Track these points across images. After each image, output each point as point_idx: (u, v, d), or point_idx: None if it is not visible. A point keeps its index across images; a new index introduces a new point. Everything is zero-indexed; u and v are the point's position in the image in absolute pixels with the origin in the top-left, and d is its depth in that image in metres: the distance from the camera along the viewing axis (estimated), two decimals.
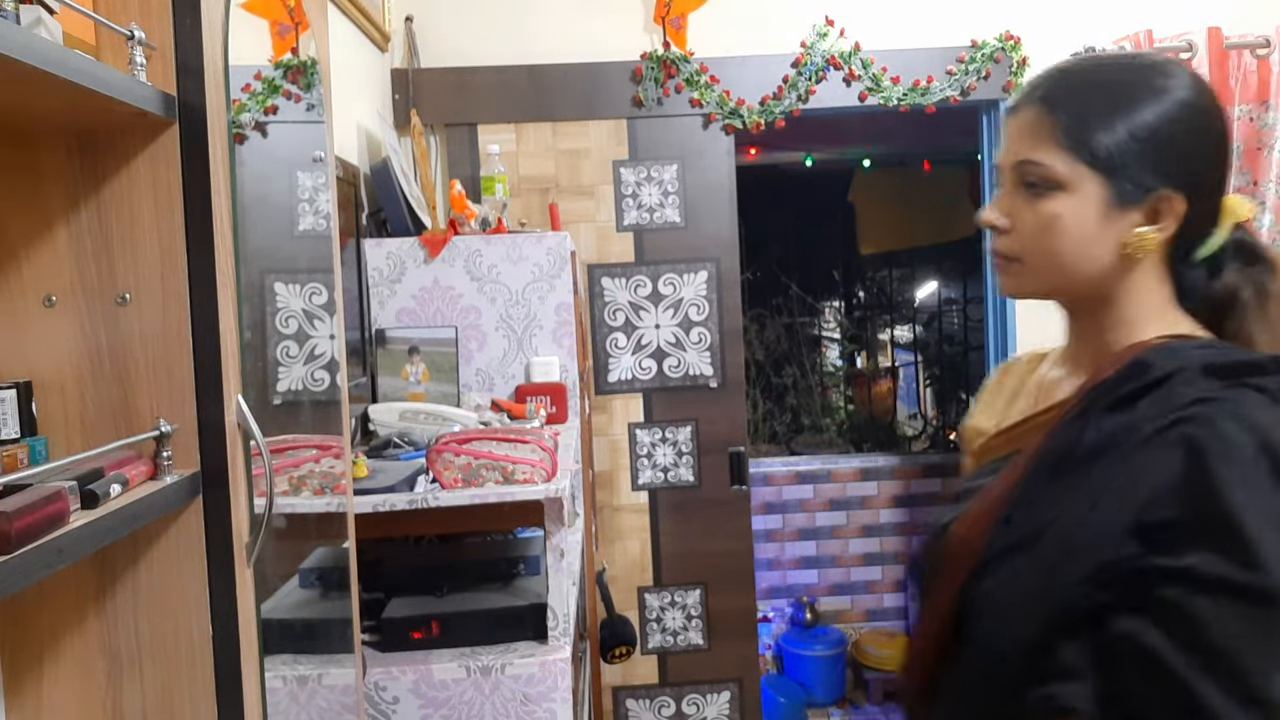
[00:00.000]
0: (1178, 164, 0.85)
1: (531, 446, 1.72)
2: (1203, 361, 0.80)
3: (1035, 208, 0.88)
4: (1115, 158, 0.85)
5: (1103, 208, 0.86)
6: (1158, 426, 0.77)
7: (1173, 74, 0.88)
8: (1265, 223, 3.23)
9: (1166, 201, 0.85)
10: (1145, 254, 0.87)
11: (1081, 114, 0.87)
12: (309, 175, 1.45)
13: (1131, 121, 0.85)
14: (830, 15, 3.04)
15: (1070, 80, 0.89)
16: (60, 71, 0.74)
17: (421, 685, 1.64)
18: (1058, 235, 0.87)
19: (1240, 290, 0.89)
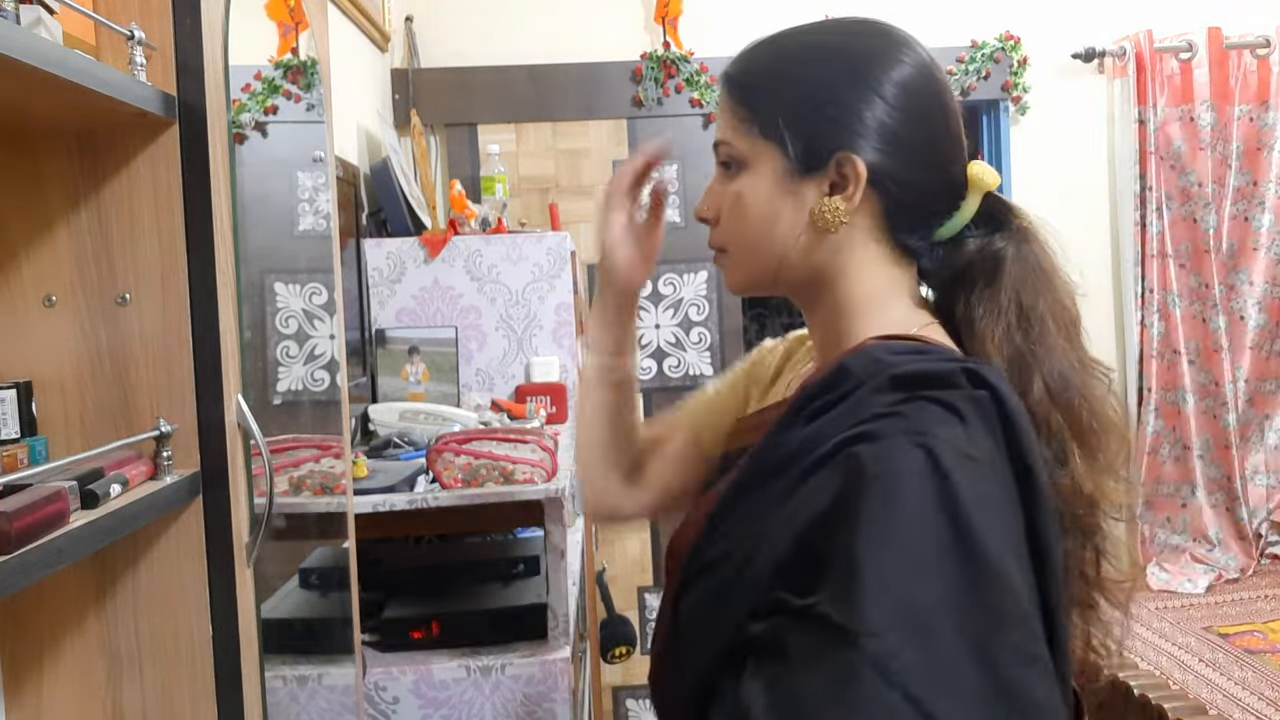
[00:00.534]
0: (863, 125, 0.76)
1: (531, 446, 1.72)
2: (893, 370, 0.69)
3: (728, 190, 0.82)
4: (787, 123, 0.78)
5: (781, 178, 0.78)
6: (836, 442, 0.67)
7: (880, 36, 0.80)
8: (1265, 223, 3.23)
9: (848, 163, 0.76)
10: (836, 226, 0.77)
11: (754, 84, 0.81)
12: (309, 175, 1.46)
13: (808, 86, 0.78)
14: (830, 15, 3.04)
15: (751, 53, 0.84)
16: (60, 71, 0.74)
17: (421, 685, 1.64)
18: (742, 214, 0.80)
19: (971, 264, 0.78)
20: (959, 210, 0.79)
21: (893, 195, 0.77)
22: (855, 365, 0.71)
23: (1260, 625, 2.80)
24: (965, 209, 0.79)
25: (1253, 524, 3.27)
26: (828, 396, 0.71)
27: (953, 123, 0.80)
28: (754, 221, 0.80)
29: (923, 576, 0.60)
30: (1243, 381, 3.29)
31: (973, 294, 0.77)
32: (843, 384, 0.71)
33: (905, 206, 0.78)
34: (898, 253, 0.80)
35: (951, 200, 0.80)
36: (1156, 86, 3.13)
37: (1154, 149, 3.14)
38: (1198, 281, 3.23)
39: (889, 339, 0.75)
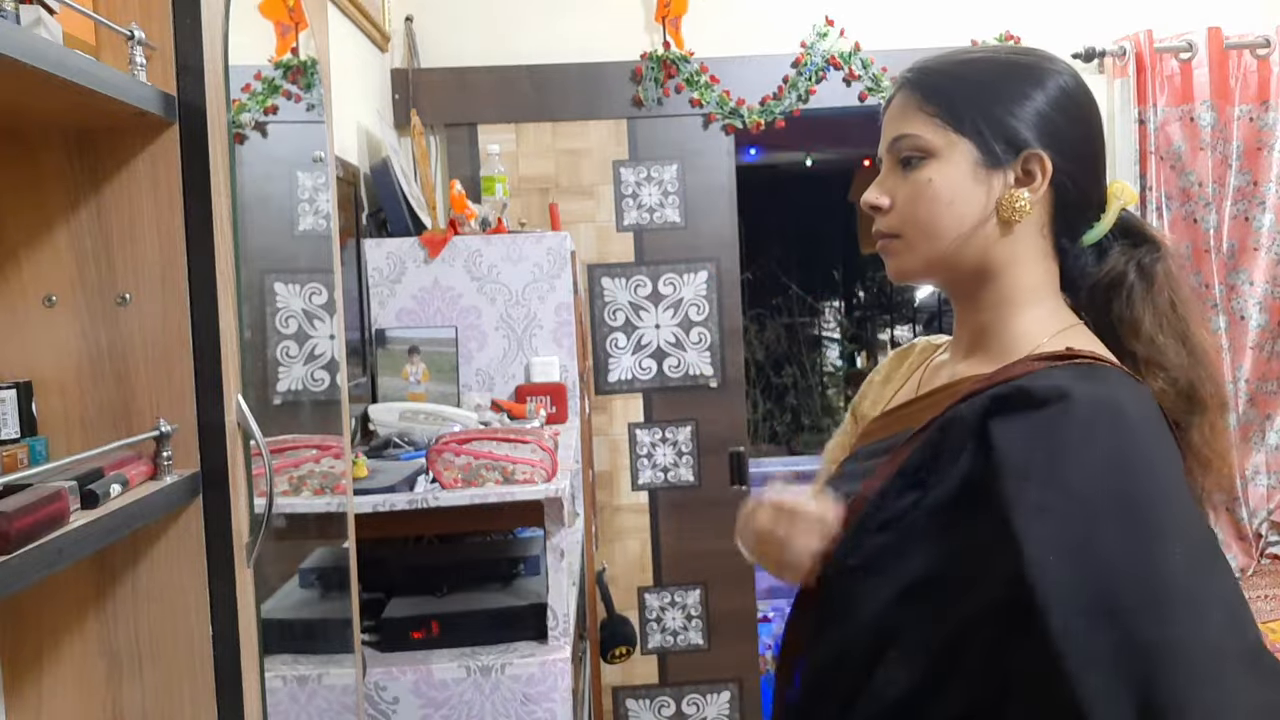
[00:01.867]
0: (1045, 128, 0.86)
1: (531, 446, 1.72)
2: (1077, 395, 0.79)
3: (910, 179, 0.88)
4: (982, 119, 0.86)
5: (973, 168, 0.86)
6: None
7: (1045, 56, 0.90)
8: (1266, 223, 3.23)
9: (1036, 160, 0.85)
10: (1021, 215, 0.86)
11: (948, 84, 0.88)
12: (309, 175, 1.46)
13: (998, 88, 0.87)
14: (830, 15, 3.04)
15: (939, 61, 0.92)
16: (60, 71, 0.74)
17: (421, 685, 1.64)
18: (931, 200, 0.87)
19: (1126, 272, 0.88)
20: (1100, 219, 0.89)
21: (1065, 194, 0.87)
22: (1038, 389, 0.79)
23: (1260, 625, 2.80)
24: (1106, 218, 0.89)
25: (1253, 524, 3.27)
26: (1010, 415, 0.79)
27: (1103, 137, 0.91)
28: (944, 206, 0.87)
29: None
30: (1243, 382, 3.29)
31: (1134, 298, 0.87)
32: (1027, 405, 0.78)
33: (1071, 206, 0.88)
34: (1054, 250, 0.89)
35: (1099, 209, 0.89)
36: (1156, 86, 3.13)
37: (1154, 149, 3.14)
38: (1198, 281, 3.23)
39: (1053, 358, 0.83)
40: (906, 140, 0.89)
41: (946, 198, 0.86)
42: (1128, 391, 0.79)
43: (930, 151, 0.87)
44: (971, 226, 0.86)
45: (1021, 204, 0.85)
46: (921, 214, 0.88)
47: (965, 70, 0.89)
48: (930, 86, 0.89)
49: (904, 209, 0.89)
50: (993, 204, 0.86)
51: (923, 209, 0.88)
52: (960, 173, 0.86)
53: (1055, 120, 0.86)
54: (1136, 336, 0.86)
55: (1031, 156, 0.86)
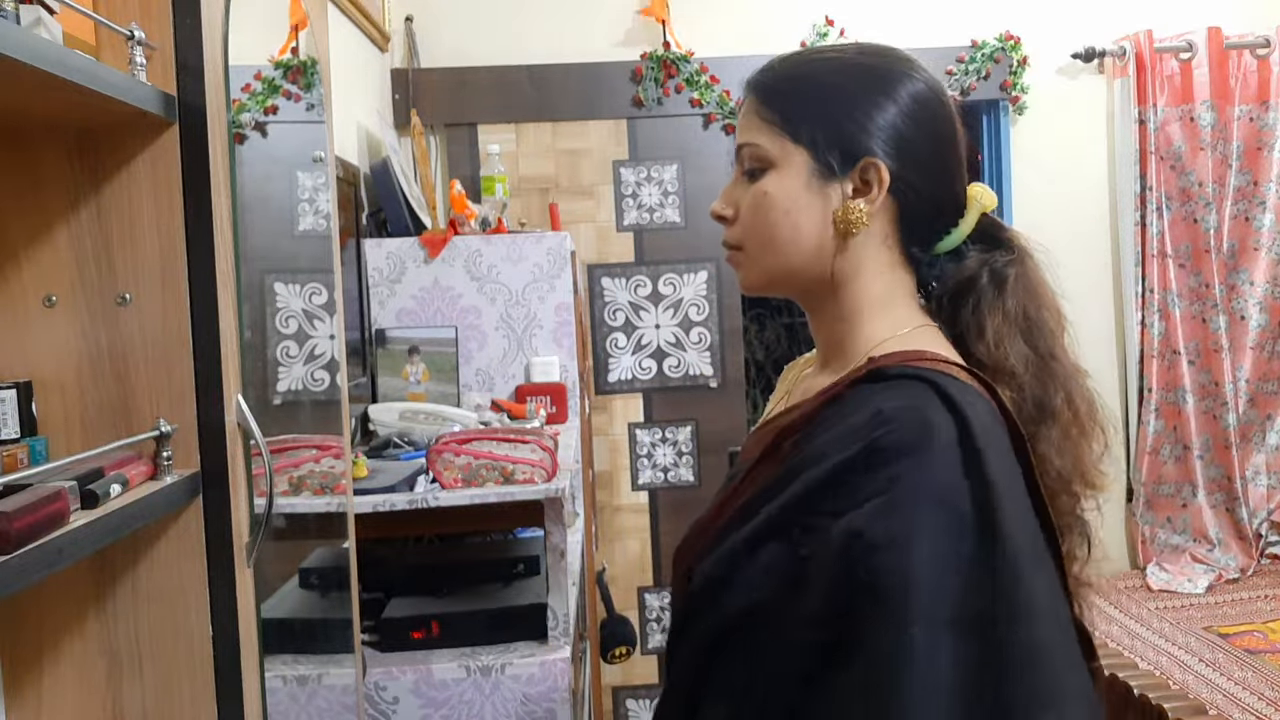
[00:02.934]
0: (887, 136, 0.83)
1: (531, 446, 1.72)
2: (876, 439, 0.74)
3: (750, 190, 0.86)
4: (818, 128, 0.83)
5: (809, 179, 0.84)
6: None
7: (898, 59, 0.87)
8: (1266, 223, 3.23)
9: (873, 169, 0.82)
10: (859, 227, 0.83)
11: (787, 92, 0.86)
12: (309, 175, 1.46)
13: (839, 94, 0.84)
14: (830, 15, 3.04)
15: (783, 66, 0.89)
16: (60, 71, 0.74)
17: (421, 685, 1.64)
18: (767, 211, 0.85)
19: (977, 276, 0.85)
20: (958, 226, 0.86)
21: (908, 203, 0.84)
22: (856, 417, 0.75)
23: (1260, 625, 2.80)
24: (964, 225, 0.86)
25: (1253, 524, 3.27)
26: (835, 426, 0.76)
27: (959, 142, 0.87)
28: (779, 218, 0.84)
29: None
30: (1243, 382, 3.29)
31: (981, 303, 0.84)
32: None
33: (916, 215, 0.85)
34: (903, 259, 0.86)
35: (953, 215, 0.86)
36: (1156, 86, 3.13)
37: (1154, 149, 3.14)
38: (1198, 281, 3.23)
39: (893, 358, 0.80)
40: (747, 149, 0.87)
41: (782, 209, 0.84)
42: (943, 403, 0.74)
43: (768, 162, 0.85)
44: (809, 239, 0.84)
45: (857, 215, 0.82)
46: (760, 227, 0.86)
47: (805, 75, 0.87)
48: (769, 92, 0.86)
49: (745, 220, 0.87)
50: (830, 215, 0.84)
51: (760, 221, 0.85)
52: (796, 184, 0.84)
53: (896, 126, 0.83)
54: (981, 340, 0.84)
55: (868, 165, 0.82)
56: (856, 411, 0.76)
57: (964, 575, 0.67)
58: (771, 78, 0.88)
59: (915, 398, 0.74)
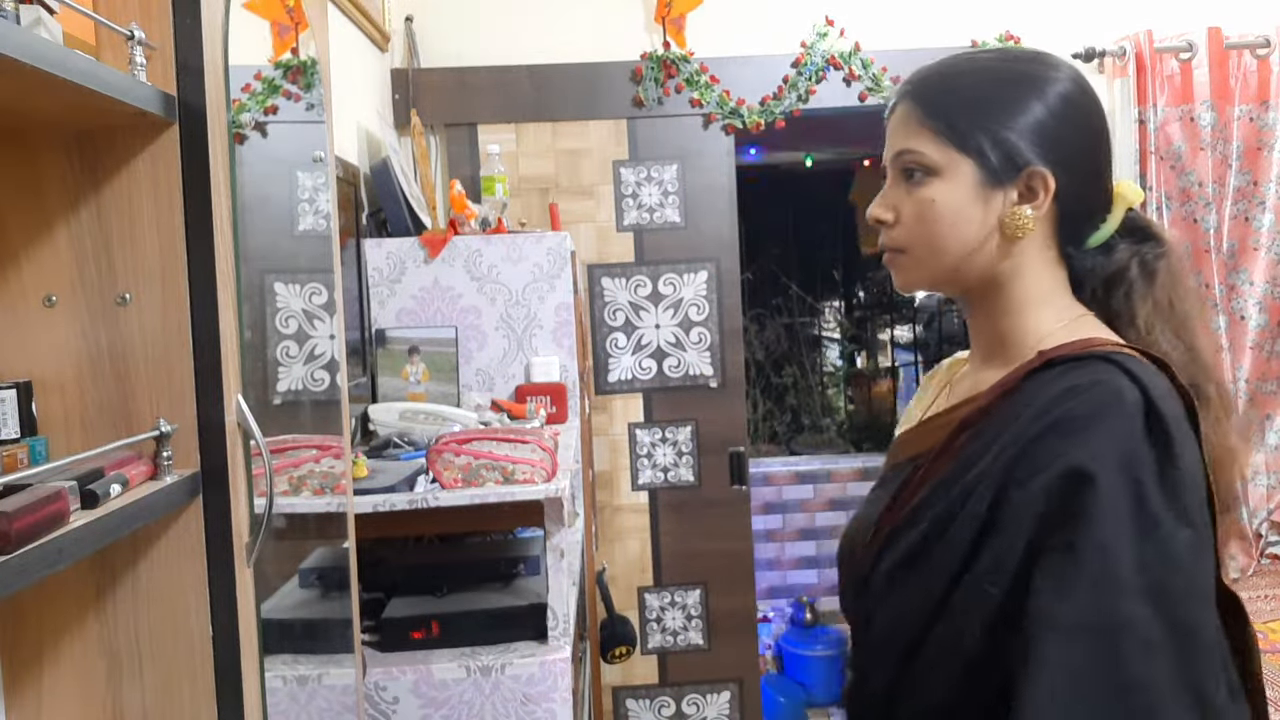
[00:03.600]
0: (1047, 142, 0.86)
1: (531, 446, 1.72)
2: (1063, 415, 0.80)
3: (914, 196, 0.89)
4: (984, 138, 0.86)
5: (975, 188, 0.87)
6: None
7: (1045, 62, 0.90)
8: (1266, 223, 3.23)
9: (1039, 178, 0.86)
10: (1025, 232, 0.86)
11: (950, 100, 0.89)
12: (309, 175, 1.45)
13: (999, 103, 0.87)
14: (830, 15, 3.04)
15: (940, 72, 0.91)
16: (60, 71, 0.74)
17: (421, 685, 1.64)
18: (935, 219, 0.88)
19: (1128, 267, 0.89)
20: (1106, 221, 0.90)
21: (1067, 205, 0.88)
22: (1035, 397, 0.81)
23: (1260, 625, 2.80)
24: (1112, 220, 0.90)
25: (1253, 524, 3.27)
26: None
27: (1107, 140, 0.91)
28: (948, 226, 0.88)
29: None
30: (1243, 381, 3.29)
31: (1133, 292, 0.88)
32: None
33: (1075, 217, 0.89)
34: (1059, 255, 0.90)
35: (1104, 211, 0.90)
36: (1156, 86, 3.13)
37: (1154, 149, 3.14)
38: (1198, 281, 3.22)
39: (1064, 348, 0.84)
40: (909, 155, 0.89)
41: (950, 218, 0.87)
42: (1140, 382, 0.79)
43: (933, 169, 0.88)
44: (975, 244, 0.88)
45: (1025, 221, 0.86)
46: (926, 233, 0.89)
47: (966, 83, 0.89)
48: (932, 101, 0.89)
49: (909, 226, 0.90)
50: (995, 221, 0.87)
51: (927, 228, 0.89)
52: (963, 192, 0.87)
53: (1058, 132, 0.87)
54: (1133, 328, 0.88)
55: (1034, 174, 0.86)
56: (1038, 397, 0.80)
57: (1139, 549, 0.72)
58: (932, 85, 0.90)
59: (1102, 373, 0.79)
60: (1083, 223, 0.90)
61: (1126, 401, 0.76)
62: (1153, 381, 0.78)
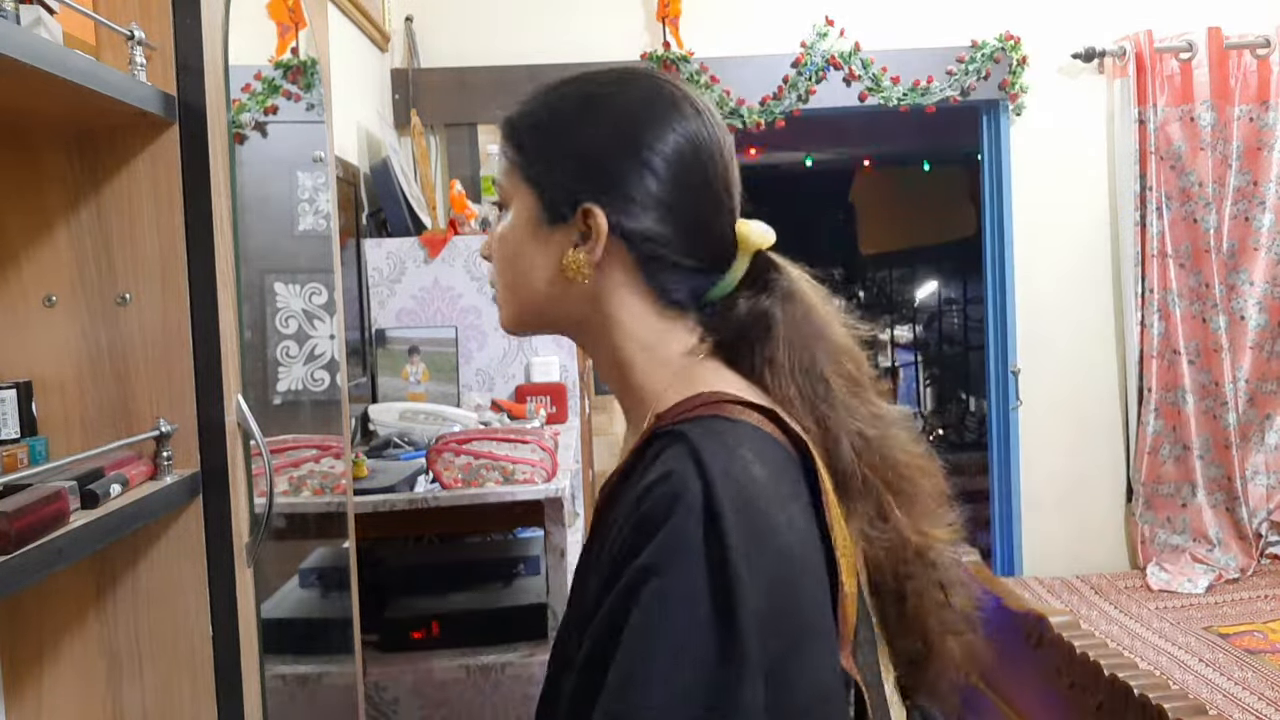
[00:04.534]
0: (602, 177, 0.75)
1: (531, 446, 1.72)
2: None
3: (494, 230, 0.82)
4: (543, 167, 0.78)
5: (533, 223, 0.78)
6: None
7: (620, 84, 0.80)
8: (1265, 223, 3.23)
9: (591, 216, 0.74)
10: (583, 277, 0.76)
11: (524, 127, 0.80)
12: (309, 175, 1.46)
13: (561, 131, 0.78)
14: (830, 15, 3.04)
15: (532, 95, 0.82)
16: (60, 71, 0.74)
17: (421, 685, 1.64)
18: (500, 255, 0.81)
19: (747, 325, 0.77)
20: (729, 270, 0.78)
21: (644, 250, 0.76)
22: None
23: (1260, 625, 2.80)
24: (735, 270, 0.78)
25: (1253, 524, 3.27)
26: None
27: (715, 185, 0.78)
28: (508, 262, 0.80)
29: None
30: (1243, 381, 3.29)
31: (754, 354, 0.76)
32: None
33: (660, 263, 0.76)
34: (664, 307, 0.78)
35: (720, 260, 0.78)
36: (1156, 86, 3.13)
37: (1154, 149, 3.14)
38: (1198, 281, 3.23)
39: (672, 411, 0.73)
40: (496, 188, 0.83)
41: (511, 253, 0.79)
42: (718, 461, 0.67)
43: (505, 199, 0.80)
44: (540, 285, 0.78)
45: (577, 264, 0.75)
46: (499, 270, 0.82)
47: (544, 109, 0.80)
48: (511, 124, 0.81)
49: (494, 261, 0.83)
50: (556, 262, 0.77)
51: (498, 265, 0.81)
52: (521, 227, 0.78)
53: (613, 163, 0.76)
54: (773, 396, 0.75)
55: (587, 211, 0.75)
56: (641, 479, 0.70)
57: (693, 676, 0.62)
58: (517, 110, 0.82)
59: (670, 463, 0.68)
60: (676, 271, 0.77)
61: (676, 509, 0.65)
62: (726, 459, 0.66)
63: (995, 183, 3.26)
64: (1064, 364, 3.25)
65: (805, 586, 0.66)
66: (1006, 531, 3.35)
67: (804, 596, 0.66)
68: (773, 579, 0.64)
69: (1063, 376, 3.26)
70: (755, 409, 0.72)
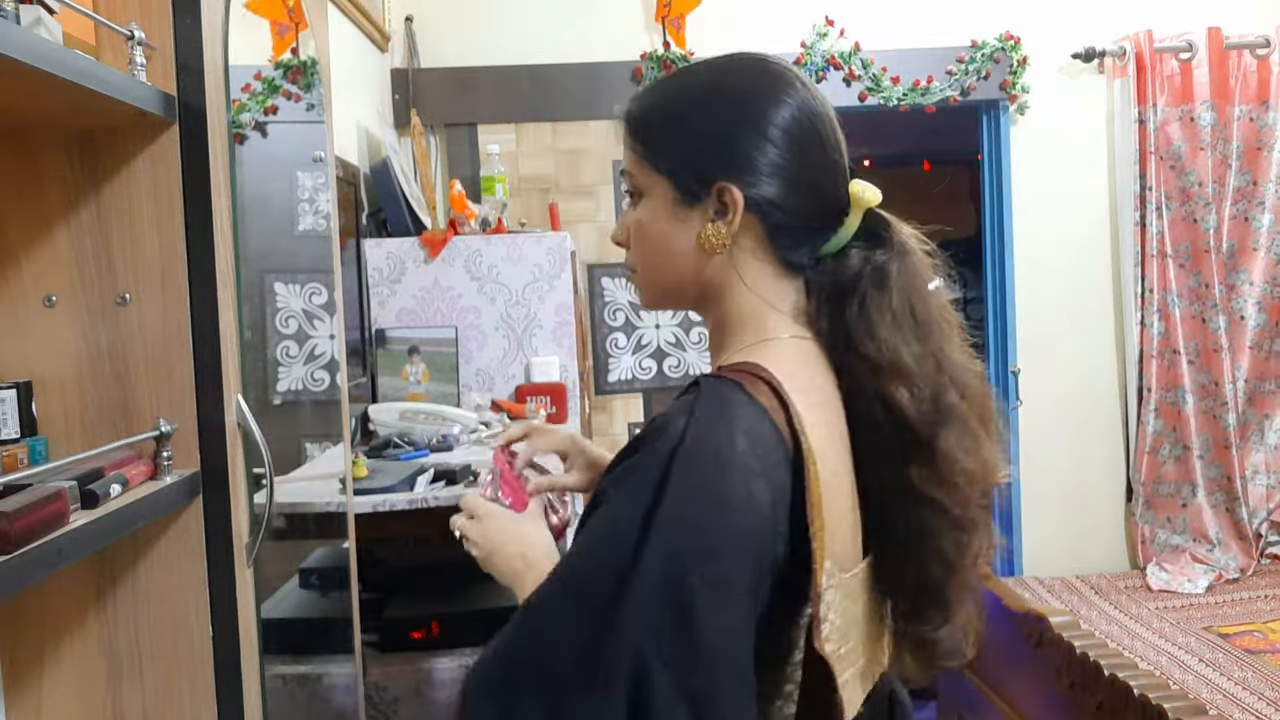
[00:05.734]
0: (730, 157, 0.84)
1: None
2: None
3: (632, 218, 0.90)
4: (673, 157, 0.86)
5: (672, 207, 0.86)
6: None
7: (728, 69, 0.89)
8: (1265, 223, 3.23)
9: (727, 193, 0.84)
10: (720, 248, 0.85)
11: (648, 119, 0.89)
12: (309, 175, 1.46)
13: (686, 119, 0.87)
14: (830, 15, 3.04)
15: (648, 93, 0.91)
16: (60, 72, 0.74)
17: (421, 685, 1.64)
18: (642, 240, 0.89)
19: (860, 274, 0.85)
20: (843, 226, 0.87)
21: (772, 219, 0.85)
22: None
23: (1260, 625, 2.80)
24: (848, 226, 0.87)
25: (1253, 524, 3.27)
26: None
27: (829, 149, 0.88)
28: (654, 246, 0.88)
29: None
30: (1243, 381, 3.29)
31: (867, 301, 0.84)
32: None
33: (785, 228, 0.86)
34: (783, 267, 0.87)
35: (834, 218, 0.87)
36: (1156, 86, 3.13)
37: (1154, 149, 3.14)
38: (1198, 281, 3.22)
39: (721, 371, 0.82)
40: (625, 175, 0.90)
41: (654, 237, 0.88)
42: (714, 423, 0.76)
43: (639, 190, 0.89)
44: (682, 261, 0.87)
45: (717, 237, 0.85)
46: (640, 254, 0.90)
47: (664, 101, 0.89)
48: (635, 120, 0.89)
49: (633, 247, 0.91)
50: (694, 238, 0.86)
51: (642, 249, 0.90)
52: (661, 212, 0.87)
53: (746, 143, 0.84)
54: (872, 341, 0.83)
55: (721, 189, 0.84)
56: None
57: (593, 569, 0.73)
58: (637, 106, 0.90)
59: (673, 408, 0.78)
60: (799, 232, 0.86)
61: (661, 442, 0.75)
62: (716, 418, 0.76)
63: (995, 183, 3.26)
64: (1064, 364, 3.25)
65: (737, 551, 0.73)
66: (1006, 531, 3.35)
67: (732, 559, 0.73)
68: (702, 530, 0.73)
69: (1063, 376, 3.26)
70: (778, 398, 0.79)
